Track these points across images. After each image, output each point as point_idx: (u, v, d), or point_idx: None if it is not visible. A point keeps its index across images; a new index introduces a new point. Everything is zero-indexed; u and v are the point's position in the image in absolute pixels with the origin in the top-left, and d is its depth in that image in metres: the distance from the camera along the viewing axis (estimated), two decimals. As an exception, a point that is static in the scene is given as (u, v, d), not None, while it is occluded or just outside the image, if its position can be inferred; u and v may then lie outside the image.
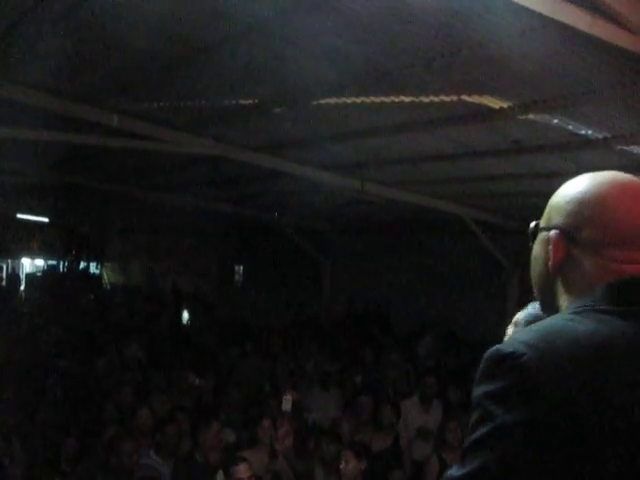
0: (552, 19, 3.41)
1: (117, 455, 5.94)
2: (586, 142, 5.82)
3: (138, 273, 24.08)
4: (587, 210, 1.37)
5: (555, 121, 5.41)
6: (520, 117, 5.44)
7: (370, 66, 5.01)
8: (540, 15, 3.38)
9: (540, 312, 1.55)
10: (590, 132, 5.60)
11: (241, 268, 18.80)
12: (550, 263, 1.40)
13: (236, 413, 7.70)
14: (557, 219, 1.42)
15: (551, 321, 1.30)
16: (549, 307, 1.43)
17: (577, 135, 5.68)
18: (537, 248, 1.48)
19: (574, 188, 1.44)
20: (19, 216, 19.94)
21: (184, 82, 6.20)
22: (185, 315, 17.02)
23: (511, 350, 1.18)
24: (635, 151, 5.85)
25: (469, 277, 11.36)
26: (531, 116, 5.38)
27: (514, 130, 5.91)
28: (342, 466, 5.83)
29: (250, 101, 6.54)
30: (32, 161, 11.09)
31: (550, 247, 1.41)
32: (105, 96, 7.06)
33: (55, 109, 7.24)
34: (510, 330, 1.66)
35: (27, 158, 10.58)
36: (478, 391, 1.20)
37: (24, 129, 7.53)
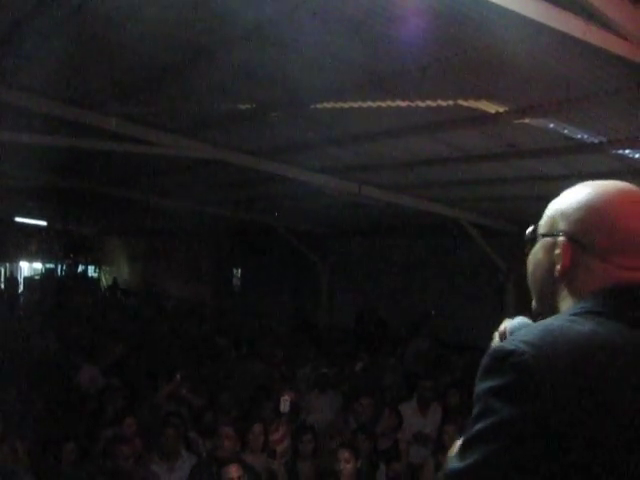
0: (547, 26, 3.44)
1: (114, 459, 5.95)
2: (581, 146, 5.86)
3: (135, 277, 24.08)
4: (596, 217, 1.39)
5: (551, 125, 5.45)
6: (516, 121, 5.48)
7: (367, 71, 5.05)
8: (535, 22, 3.42)
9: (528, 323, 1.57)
10: (585, 136, 5.63)
11: (239, 271, 18.81)
12: (557, 268, 1.42)
13: (232, 416, 7.70)
14: (564, 225, 1.43)
15: (552, 321, 1.32)
16: (548, 311, 1.44)
17: (572, 139, 5.71)
18: (539, 253, 1.49)
19: (580, 195, 1.45)
20: (17, 219, 19.94)
21: (182, 86, 6.23)
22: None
23: (513, 348, 1.22)
24: (630, 155, 5.88)
25: (466, 280, 11.39)
26: (527, 120, 5.42)
27: (510, 134, 5.95)
28: (338, 465, 5.86)
29: (248, 105, 6.58)
30: (30, 165, 11.09)
31: (557, 252, 1.42)
32: (104, 100, 7.08)
33: (54, 113, 7.27)
34: (497, 339, 1.67)
35: (25, 162, 10.59)
36: (480, 387, 1.24)
37: (23, 133, 7.56)
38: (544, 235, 1.48)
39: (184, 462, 6.21)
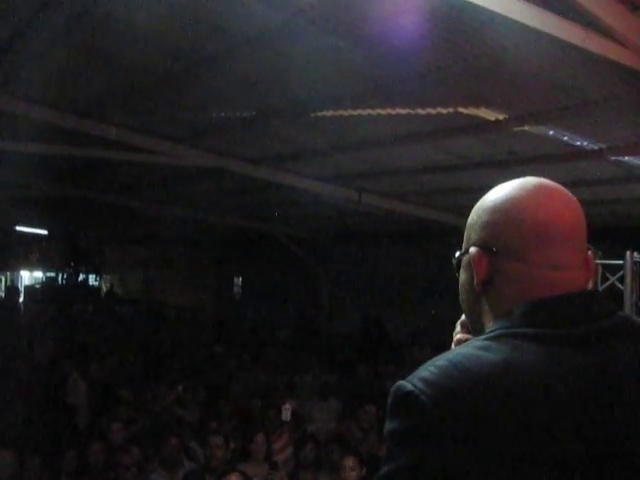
0: (546, 33, 3.45)
1: (115, 468, 5.95)
2: (581, 153, 5.87)
3: (137, 285, 24.08)
4: (501, 215, 1.33)
5: (550, 132, 5.46)
6: (516, 129, 5.49)
7: (367, 78, 5.06)
8: (534, 29, 3.43)
9: None
10: (585, 143, 5.64)
11: (240, 279, 18.80)
12: (475, 281, 1.33)
13: (233, 425, 7.69)
14: (474, 236, 1.37)
15: (459, 351, 1.23)
16: (479, 331, 1.35)
17: (572, 146, 5.72)
18: (462, 274, 1.42)
19: (485, 200, 1.41)
20: (18, 228, 19.93)
21: (183, 95, 6.24)
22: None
23: (410, 389, 1.14)
24: (630, 161, 5.89)
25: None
26: (526, 128, 5.43)
27: (510, 141, 5.96)
28: (344, 473, 5.83)
29: (248, 114, 6.59)
30: (31, 174, 11.11)
31: (472, 265, 1.34)
32: (104, 109, 7.09)
33: (54, 122, 7.27)
34: (458, 328, 1.61)
35: (26, 171, 10.60)
36: (385, 427, 1.18)
37: (23, 142, 7.57)
38: (462, 255, 1.42)
39: (186, 471, 6.18)
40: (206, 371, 10.28)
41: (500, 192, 1.39)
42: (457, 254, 1.44)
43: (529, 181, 1.37)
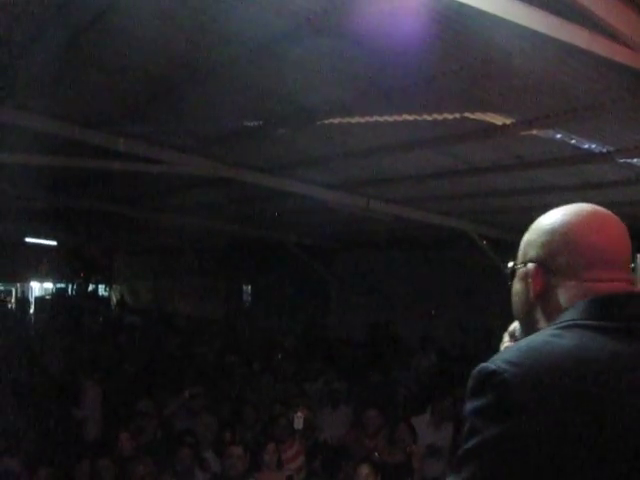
0: (551, 37, 3.45)
1: (130, 477, 5.95)
2: (589, 156, 5.85)
3: (147, 295, 24.11)
4: (558, 238, 1.49)
5: (558, 136, 5.44)
6: (523, 133, 5.48)
7: (373, 85, 5.06)
8: (540, 33, 3.42)
9: None
10: (593, 146, 5.62)
11: (249, 287, 18.81)
12: (531, 294, 1.51)
13: (248, 434, 7.69)
14: (532, 253, 1.55)
15: (535, 338, 1.37)
16: (531, 333, 1.48)
17: (580, 149, 5.70)
18: (516, 284, 1.59)
19: (543, 222, 1.56)
20: (27, 240, 20.02)
21: (189, 105, 6.26)
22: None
23: (494, 368, 1.27)
24: (638, 163, 5.87)
25: (476, 293, 11.35)
26: (534, 132, 5.41)
27: (517, 146, 5.94)
28: None
29: (255, 122, 6.60)
30: (40, 186, 11.17)
31: (529, 280, 1.52)
32: (111, 120, 7.12)
33: (61, 134, 7.31)
34: (506, 338, 1.76)
35: (35, 183, 10.66)
36: (467, 407, 1.30)
37: (31, 154, 7.61)
38: (517, 266, 1.60)
39: None
40: (217, 380, 10.27)
41: (557, 216, 1.54)
42: (510, 264, 1.64)
43: (583, 207, 1.53)
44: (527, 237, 1.60)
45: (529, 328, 1.54)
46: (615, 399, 1.23)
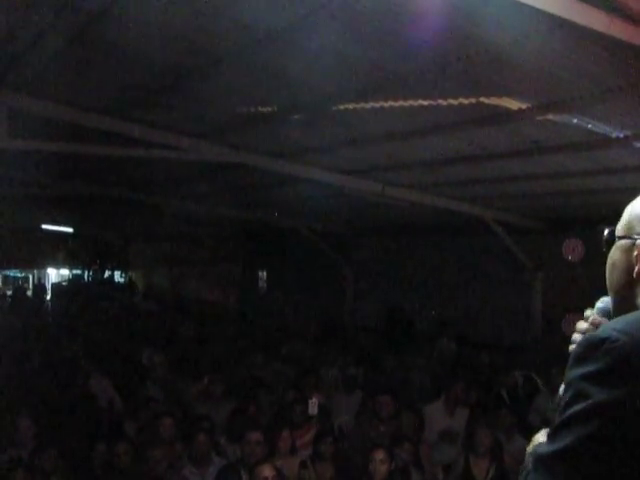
0: (568, 20, 3.41)
1: (146, 462, 5.97)
2: (606, 140, 5.80)
3: (162, 281, 24.24)
4: None
5: (574, 121, 5.40)
6: (539, 118, 5.44)
7: (388, 71, 5.03)
8: (556, 17, 3.39)
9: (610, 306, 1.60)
10: (610, 130, 5.57)
11: (264, 274, 18.85)
12: (636, 270, 1.44)
13: (262, 419, 7.71)
14: (639, 228, 1.47)
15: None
16: (625, 311, 1.45)
17: (596, 134, 5.66)
18: (617, 255, 1.52)
19: None
20: (44, 227, 20.15)
21: (203, 92, 6.26)
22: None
23: (606, 335, 1.25)
24: (656, 149, 5.82)
25: (492, 278, 11.32)
26: (550, 116, 5.37)
27: (533, 131, 5.90)
28: (372, 466, 5.81)
29: (269, 109, 6.59)
30: (56, 173, 11.24)
31: (635, 254, 1.45)
32: (127, 107, 7.14)
33: (78, 122, 7.34)
34: (583, 325, 1.69)
35: (51, 170, 10.72)
36: (573, 373, 1.28)
37: (47, 142, 7.64)
38: (621, 237, 1.51)
39: (216, 468, 6.18)
40: (232, 366, 10.31)
41: None
42: (607, 231, 1.55)
43: None
44: (633, 209, 1.52)
45: (625, 302, 1.49)
46: None
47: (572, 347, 1.43)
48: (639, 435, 1.16)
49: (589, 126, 5.47)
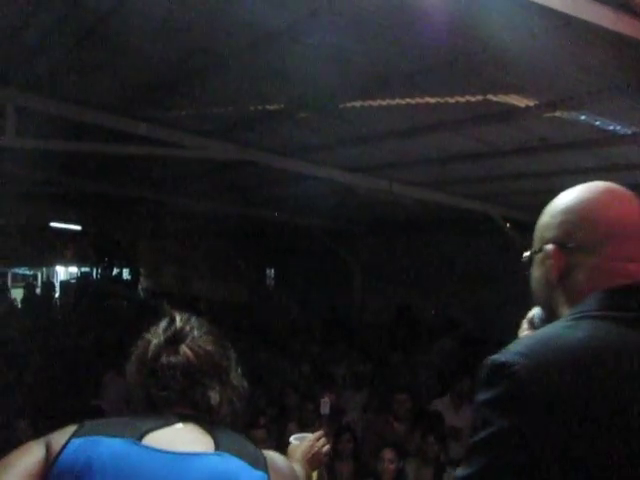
0: (575, 17, 3.40)
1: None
2: (614, 137, 5.78)
3: (170, 278, 24.26)
4: (573, 215, 1.47)
5: (582, 117, 5.38)
6: (547, 115, 5.43)
7: (394, 68, 5.03)
8: (562, 13, 3.38)
9: None
10: (618, 127, 5.56)
11: (272, 271, 18.87)
12: (551, 276, 1.48)
13: (266, 416, 7.71)
14: (548, 235, 1.52)
15: (547, 330, 1.36)
16: (553, 321, 1.46)
17: (605, 131, 5.64)
18: (536, 271, 1.57)
19: (557, 203, 1.54)
20: (52, 224, 20.20)
21: (210, 89, 6.26)
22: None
23: (504, 360, 1.26)
24: (665, 145, 5.80)
25: (500, 275, 11.29)
26: (558, 113, 5.36)
27: (541, 128, 5.89)
28: (381, 465, 5.82)
29: (276, 106, 6.59)
30: (64, 171, 11.27)
31: (548, 262, 1.49)
32: (133, 105, 7.15)
33: (85, 120, 7.35)
34: (525, 326, 1.74)
35: (59, 168, 10.76)
36: (477, 398, 1.29)
37: (55, 140, 7.66)
38: (535, 252, 1.56)
39: None
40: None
41: (571, 195, 1.52)
42: (527, 253, 1.60)
43: (597, 185, 1.51)
44: (541, 221, 1.57)
45: (551, 313, 1.51)
46: (630, 394, 1.20)
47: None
48: (539, 461, 1.16)
49: (597, 123, 5.46)
